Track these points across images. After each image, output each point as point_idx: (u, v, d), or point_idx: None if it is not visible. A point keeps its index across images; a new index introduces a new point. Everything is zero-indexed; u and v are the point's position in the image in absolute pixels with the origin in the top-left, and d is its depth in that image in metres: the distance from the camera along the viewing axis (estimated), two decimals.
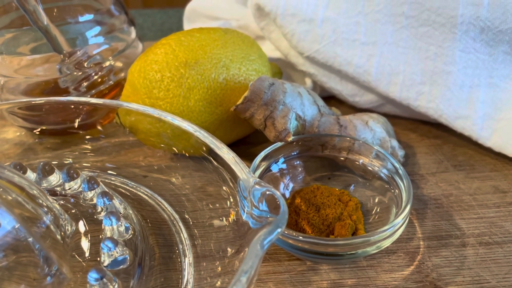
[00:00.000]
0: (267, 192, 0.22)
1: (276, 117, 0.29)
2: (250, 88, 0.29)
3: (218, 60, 0.31)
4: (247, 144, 0.36)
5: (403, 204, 0.25)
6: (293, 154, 0.30)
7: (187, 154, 0.31)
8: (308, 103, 0.30)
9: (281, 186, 0.30)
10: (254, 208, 0.23)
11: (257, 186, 0.23)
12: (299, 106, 0.30)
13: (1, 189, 0.24)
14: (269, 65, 0.34)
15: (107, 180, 0.31)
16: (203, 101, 0.30)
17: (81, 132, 0.36)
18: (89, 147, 0.36)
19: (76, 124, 0.36)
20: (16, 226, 0.23)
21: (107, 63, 0.36)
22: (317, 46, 0.34)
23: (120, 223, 0.25)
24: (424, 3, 0.32)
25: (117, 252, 0.23)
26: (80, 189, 0.28)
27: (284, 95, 0.29)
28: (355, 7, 0.33)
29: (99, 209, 0.26)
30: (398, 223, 0.24)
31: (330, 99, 0.40)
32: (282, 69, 0.38)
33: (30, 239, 0.23)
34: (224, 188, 0.30)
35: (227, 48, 0.31)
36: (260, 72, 0.32)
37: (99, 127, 0.37)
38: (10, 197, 0.24)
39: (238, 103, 0.29)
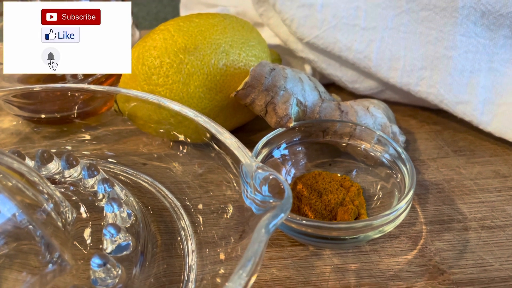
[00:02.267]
0: (270, 177, 0.22)
1: (277, 102, 0.29)
2: (251, 73, 0.28)
3: (217, 46, 0.30)
4: (247, 131, 0.36)
5: (406, 189, 0.25)
6: (294, 140, 0.30)
7: (189, 140, 0.31)
8: (309, 89, 0.30)
9: (283, 172, 0.30)
10: (257, 193, 0.23)
11: (260, 171, 0.23)
12: (300, 92, 0.29)
13: (1, 175, 0.24)
14: (268, 51, 0.34)
15: (106, 168, 0.31)
16: (202, 87, 0.30)
17: (78, 120, 0.36)
18: (87, 136, 0.36)
19: (73, 113, 0.35)
20: (17, 213, 0.23)
21: None
22: (316, 32, 0.34)
23: (122, 209, 0.24)
24: None
25: (120, 238, 0.22)
26: (80, 177, 0.28)
27: (285, 80, 0.29)
28: None
29: (100, 196, 0.26)
30: (401, 208, 0.24)
31: (330, 85, 0.40)
32: (281, 56, 0.38)
33: (31, 226, 0.23)
34: (225, 174, 0.30)
35: (226, 34, 0.31)
36: (260, 58, 0.32)
37: (96, 116, 0.36)
38: (10, 183, 0.24)
39: (238, 88, 0.29)
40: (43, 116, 0.35)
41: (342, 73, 0.36)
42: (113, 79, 0.37)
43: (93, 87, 0.29)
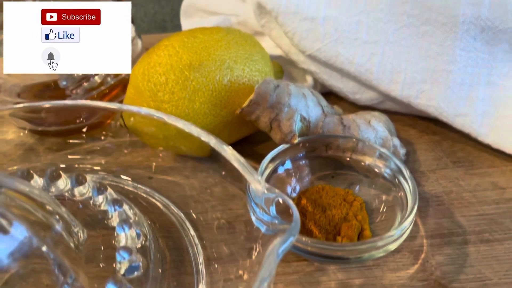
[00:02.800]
0: (279, 200, 0.22)
1: (281, 119, 0.29)
2: (256, 91, 0.29)
3: (222, 62, 0.31)
4: (250, 142, 0.36)
5: (409, 208, 0.26)
6: (299, 156, 0.31)
7: (194, 158, 0.31)
8: (313, 104, 0.31)
9: (288, 189, 0.30)
10: (264, 214, 0.24)
11: (268, 193, 0.23)
12: (304, 108, 0.30)
13: (9, 199, 0.24)
14: (271, 64, 0.34)
15: (113, 183, 0.31)
16: (208, 103, 0.30)
17: (83, 132, 0.36)
18: (92, 148, 0.36)
19: (78, 125, 0.36)
20: (28, 235, 0.23)
21: None
22: (318, 45, 0.34)
23: (132, 229, 0.25)
24: (425, 2, 0.32)
25: (131, 260, 0.23)
26: (89, 194, 0.28)
27: (289, 97, 0.29)
28: (357, 5, 0.34)
29: (110, 216, 0.27)
30: (405, 227, 0.24)
31: (330, 95, 0.40)
32: (282, 66, 0.38)
33: (44, 249, 0.23)
34: (231, 188, 0.30)
35: (230, 49, 0.31)
36: (263, 72, 0.32)
37: (101, 127, 0.37)
38: (20, 207, 0.24)
39: (243, 105, 0.29)
40: (48, 128, 0.36)
41: (343, 84, 0.37)
42: (117, 91, 0.37)
43: (103, 104, 0.29)
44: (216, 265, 0.26)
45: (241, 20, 0.41)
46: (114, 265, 0.24)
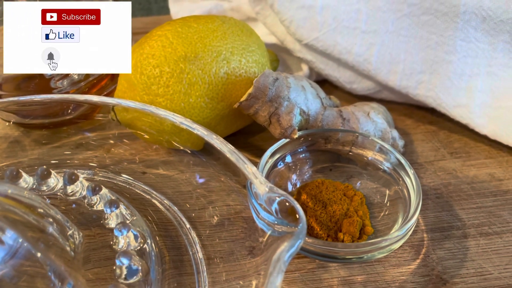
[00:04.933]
0: (285, 203, 0.22)
1: (281, 113, 0.28)
2: (255, 84, 0.28)
3: (218, 53, 0.29)
4: (245, 133, 0.35)
5: (413, 208, 0.25)
6: (299, 150, 0.30)
7: (188, 151, 0.30)
8: (312, 97, 0.30)
9: (289, 186, 0.30)
10: (268, 214, 0.23)
11: (271, 193, 0.23)
12: (303, 101, 0.29)
13: None
14: (267, 54, 0.33)
15: (106, 180, 0.30)
16: (204, 97, 0.29)
17: (70, 124, 0.35)
18: (81, 140, 0.35)
19: (65, 117, 0.34)
20: (19, 240, 0.22)
21: None
22: (316, 34, 0.33)
23: (129, 232, 0.24)
24: None
25: (131, 265, 0.22)
26: (81, 192, 0.27)
27: (288, 90, 0.29)
28: None
29: (106, 216, 0.26)
30: (409, 227, 0.24)
31: (325, 83, 0.39)
32: (277, 54, 0.37)
33: (36, 252, 0.22)
34: (228, 183, 0.30)
35: (226, 40, 0.30)
36: (260, 63, 0.31)
37: (90, 119, 0.35)
38: (9, 211, 0.23)
39: (242, 99, 0.28)
40: (33, 121, 0.34)
41: (340, 73, 0.36)
42: (106, 79, 0.36)
43: (96, 98, 0.28)
44: (217, 265, 0.26)
45: (234, 6, 0.39)
46: (113, 267, 0.23)
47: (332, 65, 0.36)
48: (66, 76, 0.33)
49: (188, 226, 0.28)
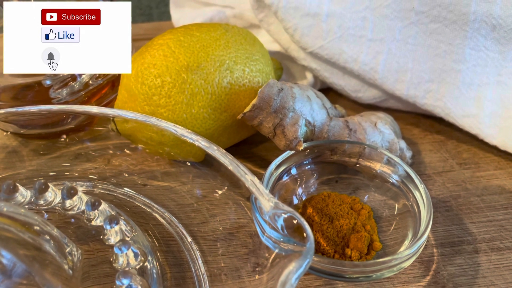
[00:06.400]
0: (292, 220, 0.21)
1: (286, 125, 0.28)
2: (259, 95, 0.27)
3: (221, 63, 0.29)
4: (248, 143, 0.34)
5: (423, 225, 0.24)
6: (304, 162, 0.29)
7: (188, 164, 0.29)
8: (317, 108, 0.29)
9: (294, 199, 0.29)
10: (273, 230, 0.22)
11: (276, 209, 0.22)
12: (309, 112, 0.28)
13: None
14: (271, 63, 0.32)
15: (106, 192, 0.30)
16: (207, 107, 0.28)
17: (69, 134, 0.34)
18: (80, 151, 0.34)
19: (63, 127, 0.34)
20: (12, 259, 0.21)
21: None
22: (321, 42, 0.33)
23: (130, 250, 0.23)
24: None
25: (132, 285, 0.21)
26: (80, 207, 0.27)
27: (293, 101, 0.28)
28: (362, 1, 0.32)
29: (105, 232, 0.25)
30: (420, 244, 0.23)
31: (329, 91, 0.39)
32: (280, 62, 0.37)
33: (31, 271, 0.22)
34: (230, 196, 0.29)
35: (229, 49, 0.29)
36: (264, 73, 0.30)
37: (89, 128, 0.35)
38: (2, 229, 0.22)
39: (246, 110, 0.28)
40: (31, 131, 0.33)
41: (345, 82, 0.35)
42: (107, 88, 0.35)
43: (93, 109, 0.27)
44: (220, 281, 0.25)
45: (237, 13, 0.38)
46: (113, 286, 0.22)
47: (337, 74, 0.35)
48: (65, 85, 0.33)
49: (190, 240, 0.27)
